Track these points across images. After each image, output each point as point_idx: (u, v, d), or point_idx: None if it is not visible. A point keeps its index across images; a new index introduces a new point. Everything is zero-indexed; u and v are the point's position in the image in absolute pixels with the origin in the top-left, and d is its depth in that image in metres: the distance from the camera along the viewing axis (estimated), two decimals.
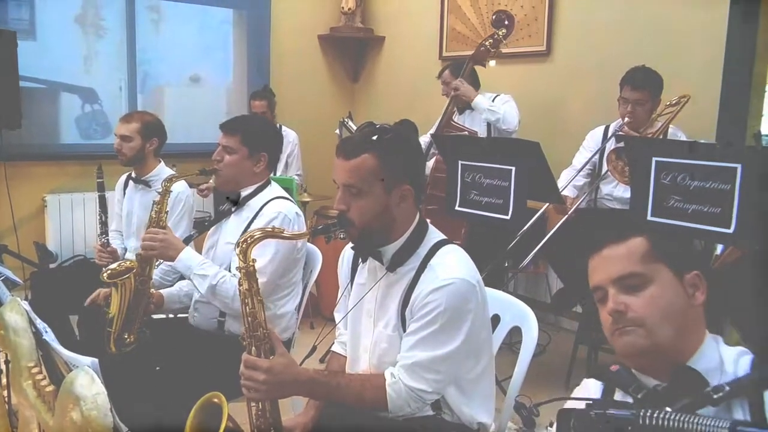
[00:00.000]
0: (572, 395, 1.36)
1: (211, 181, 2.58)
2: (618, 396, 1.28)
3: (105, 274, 2.20)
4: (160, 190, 2.39)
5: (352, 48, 5.93)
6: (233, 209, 2.43)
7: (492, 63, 3.98)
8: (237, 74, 5.72)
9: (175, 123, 4.38)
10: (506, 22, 3.83)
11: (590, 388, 1.34)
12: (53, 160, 4.70)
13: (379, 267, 1.73)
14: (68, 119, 4.98)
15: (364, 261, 1.80)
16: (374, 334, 1.75)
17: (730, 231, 2.34)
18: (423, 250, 1.70)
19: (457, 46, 5.07)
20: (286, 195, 2.47)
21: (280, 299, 2.41)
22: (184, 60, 5.40)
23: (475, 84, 4.07)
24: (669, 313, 1.22)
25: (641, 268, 1.24)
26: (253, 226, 2.29)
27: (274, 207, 2.34)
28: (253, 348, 1.62)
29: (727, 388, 1.11)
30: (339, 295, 1.94)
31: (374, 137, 1.64)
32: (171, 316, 2.62)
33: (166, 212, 2.39)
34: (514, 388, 1.94)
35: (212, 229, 2.53)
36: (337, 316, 1.96)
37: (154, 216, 2.37)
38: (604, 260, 1.30)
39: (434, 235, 1.75)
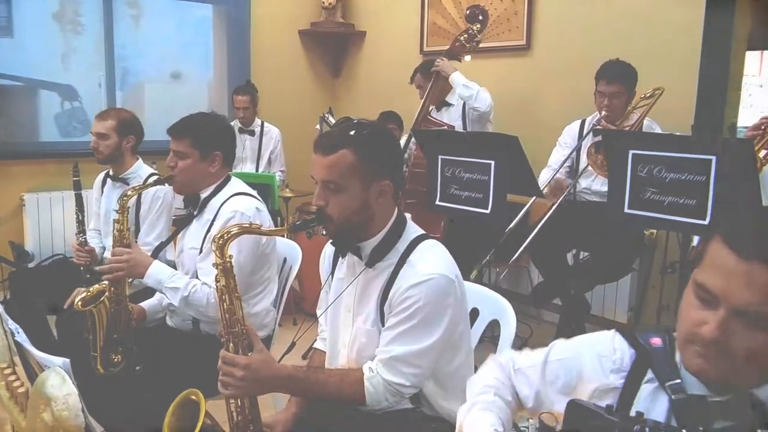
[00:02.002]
0: (597, 337, 1.24)
1: None
2: (648, 375, 1.13)
3: (78, 303, 2.16)
4: (117, 209, 2.34)
5: (333, 43, 5.92)
6: (195, 212, 2.40)
7: (467, 58, 3.99)
8: (218, 70, 5.69)
9: (155, 120, 4.34)
10: (480, 17, 3.85)
11: (617, 346, 1.19)
12: (32, 158, 4.66)
13: (358, 262, 1.73)
14: (47, 117, 4.93)
15: (343, 256, 1.80)
16: (353, 328, 1.76)
17: (706, 222, 2.37)
18: (402, 246, 1.70)
19: (437, 40, 5.07)
20: (247, 190, 2.42)
21: (252, 297, 2.38)
22: (164, 56, 5.36)
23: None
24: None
25: None
26: (212, 228, 2.27)
27: (230, 206, 2.29)
28: (231, 344, 1.62)
29: None
30: (321, 294, 1.94)
31: (352, 132, 1.64)
32: None
33: (128, 229, 2.36)
34: None
35: (180, 234, 2.50)
36: (319, 312, 1.96)
37: (116, 235, 2.34)
38: (742, 273, 0.96)
39: (413, 230, 1.75)
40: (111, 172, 3.16)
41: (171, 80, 5.47)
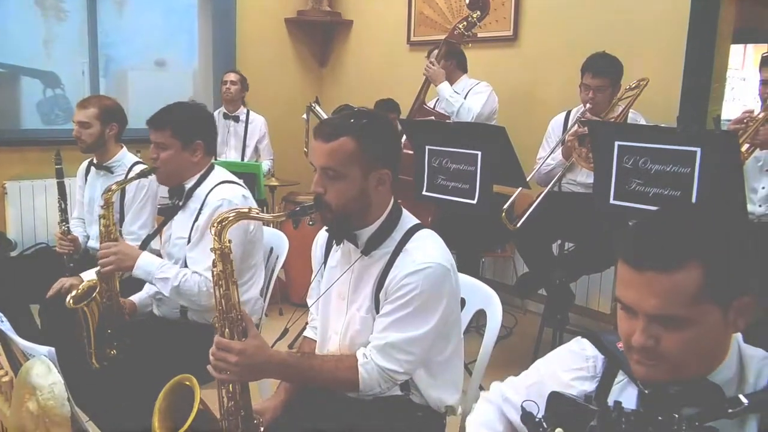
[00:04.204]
0: (566, 350, 1.32)
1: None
2: (619, 377, 1.21)
3: (69, 300, 2.15)
4: (102, 203, 2.32)
5: (320, 32, 5.88)
6: (180, 203, 2.38)
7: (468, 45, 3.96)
8: (203, 58, 5.64)
9: (139, 108, 4.29)
10: (481, 4, 3.82)
11: (589, 354, 1.27)
12: (14, 146, 4.60)
13: (354, 250, 1.74)
14: (29, 104, 4.87)
15: (338, 244, 1.80)
16: (347, 316, 1.77)
17: None
18: (398, 234, 1.71)
19: (425, 30, 5.06)
20: (232, 178, 2.42)
21: (241, 285, 2.37)
22: (149, 44, 5.31)
23: (462, 67, 4.05)
24: (704, 352, 1.08)
25: (686, 311, 1.03)
26: (200, 217, 2.27)
27: (217, 194, 2.29)
28: (227, 330, 1.62)
29: (745, 402, 1.03)
30: (312, 280, 1.94)
31: (353, 120, 1.65)
32: None
33: (115, 224, 2.35)
34: (479, 371, 1.97)
35: (166, 225, 2.49)
36: (310, 301, 1.96)
37: (103, 230, 2.32)
38: (641, 284, 1.05)
39: (408, 219, 1.77)
40: (95, 161, 3.12)
41: (155, 68, 5.42)
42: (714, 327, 1.05)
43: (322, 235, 1.91)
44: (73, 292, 2.19)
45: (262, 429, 1.69)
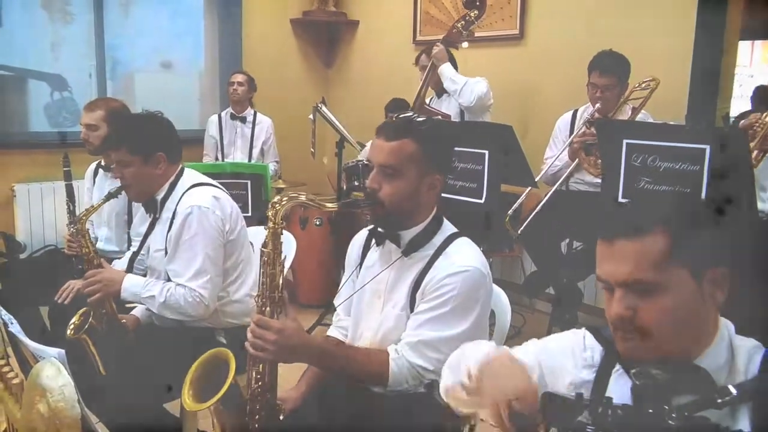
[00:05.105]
0: (568, 337, 1.33)
1: None
2: (617, 368, 1.21)
3: (70, 332, 2.12)
4: (72, 232, 2.32)
5: (326, 32, 5.88)
6: (156, 217, 2.36)
7: (464, 45, 3.97)
8: (209, 60, 5.65)
9: (146, 110, 4.31)
10: (477, 3, 3.82)
11: (587, 344, 1.28)
12: (22, 148, 4.61)
13: (395, 250, 1.78)
14: (37, 107, 4.88)
15: (379, 244, 1.83)
16: (382, 313, 1.79)
17: None
18: (438, 239, 1.76)
19: (431, 30, 5.05)
20: (203, 179, 2.38)
21: (230, 285, 2.35)
22: (155, 45, 5.31)
23: (454, 66, 4.06)
24: (682, 323, 1.10)
25: (655, 275, 1.08)
26: (172, 228, 2.24)
27: (185, 203, 2.23)
28: (268, 309, 1.63)
29: (734, 393, 1.03)
30: (343, 281, 1.96)
31: (418, 123, 1.72)
32: None
33: (95, 252, 2.34)
34: None
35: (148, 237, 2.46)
36: (337, 302, 1.97)
37: (86, 258, 2.32)
38: (613, 254, 1.12)
39: (449, 227, 1.81)
40: (103, 162, 3.13)
41: (161, 70, 5.43)
42: (689, 297, 1.09)
43: (360, 237, 1.95)
44: (71, 323, 2.16)
45: (281, 417, 1.71)
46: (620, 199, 2.56)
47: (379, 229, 1.81)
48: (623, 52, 3.43)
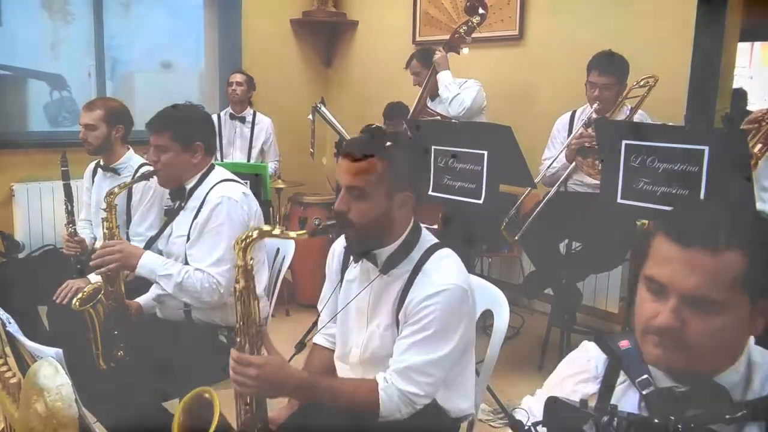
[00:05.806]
0: (570, 357, 1.31)
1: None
2: (621, 378, 1.19)
3: (75, 302, 2.15)
4: (104, 206, 2.34)
5: (325, 32, 5.87)
6: (183, 204, 2.39)
7: (465, 51, 3.97)
8: (209, 60, 5.65)
9: (145, 110, 4.26)
10: (480, 10, 3.82)
11: (591, 355, 1.25)
12: (21, 148, 4.59)
13: (372, 269, 1.75)
14: (36, 106, 4.88)
15: (356, 262, 1.80)
16: (367, 331, 1.77)
17: None
18: (416, 254, 1.72)
19: (430, 30, 5.05)
20: (232, 177, 2.43)
21: None
22: (155, 45, 5.30)
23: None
24: (726, 345, 1.06)
25: (723, 296, 1.01)
26: (199, 215, 2.28)
27: (217, 192, 2.30)
28: (247, 345, 1.62)
29: (744, 410, 1.01)
30: (324, 289, 1.94)
31: (381, 142, 1.66)
32: None
33: (117, 226, 2.37)
34: (486, 371, 1.97)
35: (168, 226, 2.49)
36: (320, 308, 1.96)
37: (106, 233, 2.35)
38: (685, 261, 1.02)
39: (427, 238, 1.77)
40: (102, 163, 3.13)
41: (161, 70, 5.43)
42: (740, 322, 1.04)
43: (338, 247, 1.90)
44: (79, 294, 2.20)
45: None
46: (619, 200, 2.55)
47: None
48: (622, 53, 3.43)
